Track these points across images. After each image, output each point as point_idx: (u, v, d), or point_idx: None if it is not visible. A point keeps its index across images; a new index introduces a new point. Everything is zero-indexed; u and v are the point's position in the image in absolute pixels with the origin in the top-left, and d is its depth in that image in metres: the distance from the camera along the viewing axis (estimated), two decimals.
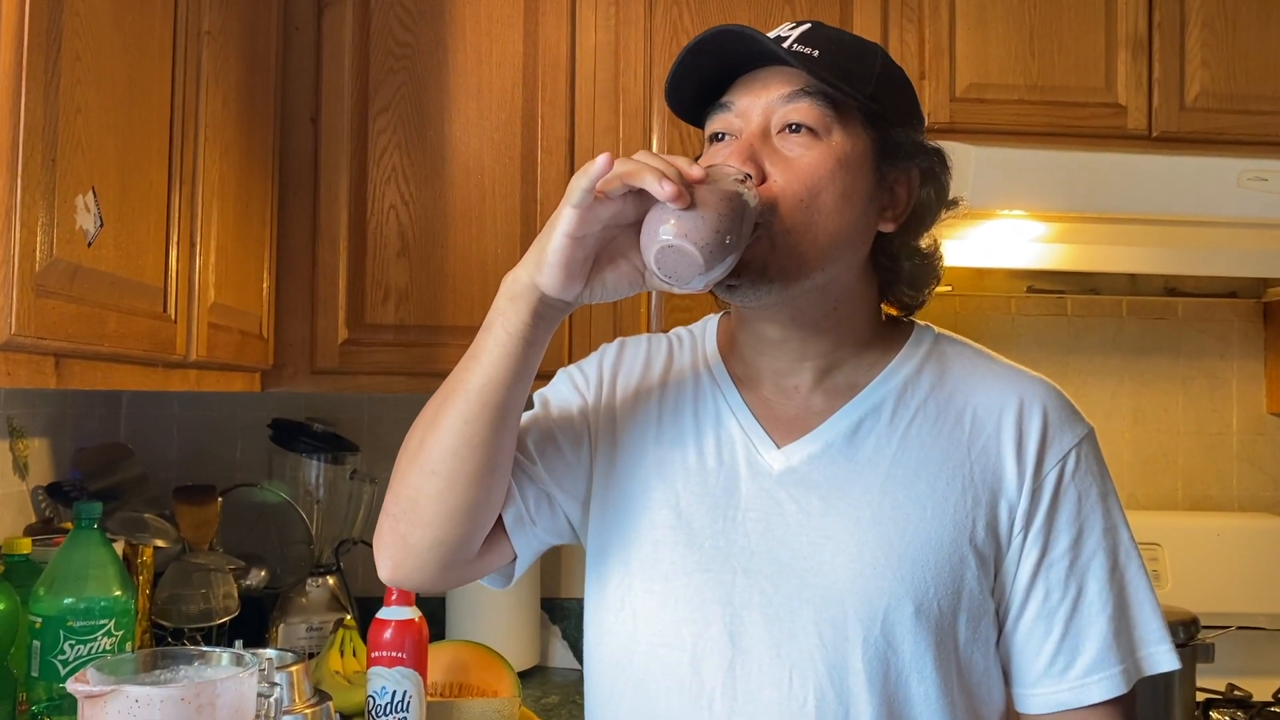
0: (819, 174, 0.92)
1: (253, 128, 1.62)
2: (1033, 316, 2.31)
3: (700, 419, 1.02)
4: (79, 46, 0.99)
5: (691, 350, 1.09)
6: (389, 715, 1.44)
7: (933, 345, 1.03)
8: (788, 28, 0.96)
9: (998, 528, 0.95)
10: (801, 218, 0.91)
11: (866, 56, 0.97)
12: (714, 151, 0.97)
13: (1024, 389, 0.99)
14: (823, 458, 0.97)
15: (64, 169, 0.96)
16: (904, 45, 1.90)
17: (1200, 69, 1.92)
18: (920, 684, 0.92)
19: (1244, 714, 1.85)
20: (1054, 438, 0.97)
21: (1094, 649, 0.95)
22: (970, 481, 0.95)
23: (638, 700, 0.98)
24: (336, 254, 1.83)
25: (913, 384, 1.00)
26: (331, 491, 2.02)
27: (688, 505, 0.98)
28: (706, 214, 0.82)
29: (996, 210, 1.81)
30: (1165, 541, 2.13)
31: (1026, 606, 0.96)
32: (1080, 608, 0.95)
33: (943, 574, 0.93)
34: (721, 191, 0.84)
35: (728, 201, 0.84)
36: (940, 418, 0.98)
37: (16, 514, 1.70)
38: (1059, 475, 0.96)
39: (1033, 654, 0.96)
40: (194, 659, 0.99)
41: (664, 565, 0.97)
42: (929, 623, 0.92)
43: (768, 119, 0.94)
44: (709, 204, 0.82)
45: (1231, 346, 2.33)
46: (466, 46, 1.86)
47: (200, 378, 1.46)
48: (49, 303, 0.94)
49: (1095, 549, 0.96)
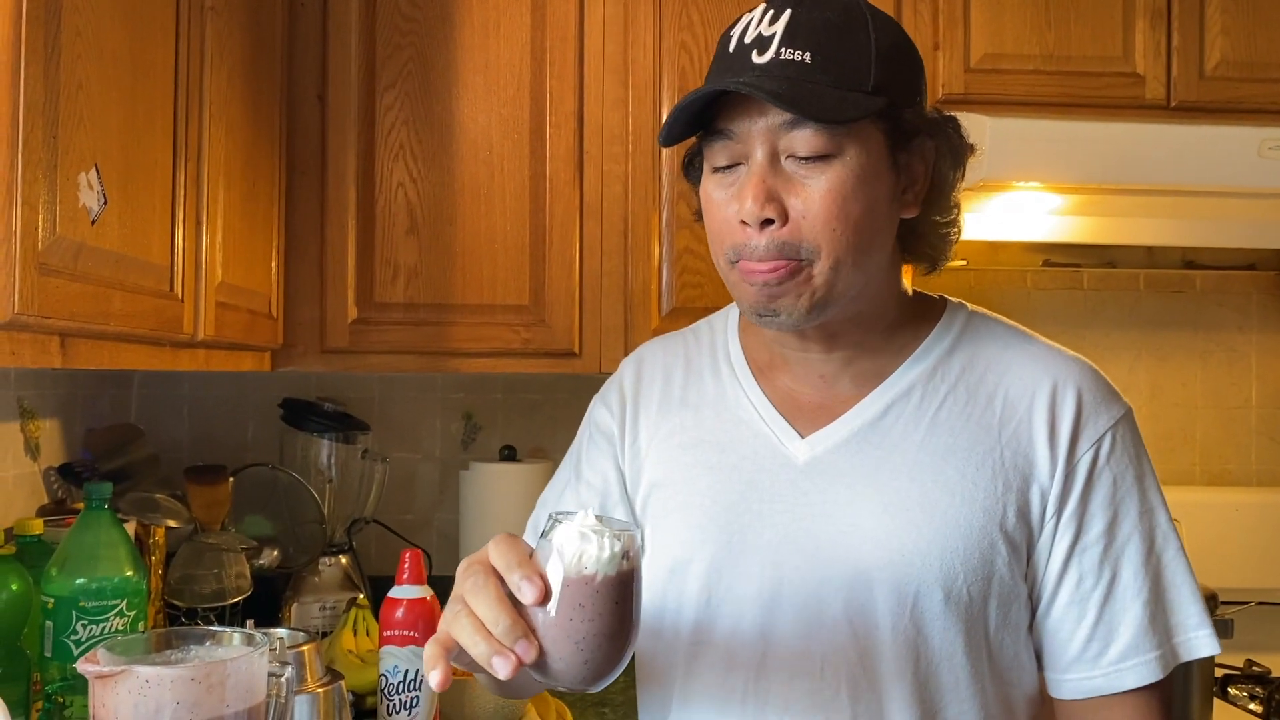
0: (842, 196, 0.88)
1: (258, 105, 1.60)
2: (1049, 290, 2.28)
3: (721, 417, 1.02)
4: (79, 21, 0.97)
5: (710, 345, 1.09)
6: (401, 694, 1.44)
7: (965, 325, 1.01)
8: (769, 21, 0.89)
9: (1029, 513, 0.93)
10: (840, 246, 0.88)
11: (858, 33, 0.89)
12: (723, 185, 0.92)
13: (1058, 370, 0.97)
14: (848, 445, 0.96)
15: (66, 146, 0.95)
16: (918, 15, 1.87)
17: (1220, 36, 1.88)
18: (950, 670, 0.92)
19: (1262, 689, 1.83)
20: (1088, 421, 0.95)
21: (1129, 634, 0.93)
22: (1001, 466, 0.93)
23: (676, 694, 0.99)
24: (345, 232, 1.81)
25: (943, 367, 0.98)
26: (343, 471, 2.02)
27: (714, 505, 0.98)
28: (565, 651, 0.71)
29: (1012, 183, 1.78)
30: (1183, 517, 2.09)
31: (1060, 592, 0.94)
32: (1115, 593, 0.93)
33: (972, 560, 0.91)
34: (579, 598, 0.71)
35: (590, 612, 0.71)
36: (970, 401, 0.96)
37: (29, 495, 1.70)
38: (1093, 459, 0.94)
39: (1066, 639, 0.94)
40: (205, 639, 0.98)
41: (695, 565, 0.98)
42: (959, 609, 0.91)
43: (772, 144, 0.89)
44: (566, 632, 0.71)
45: (1251, 319, 2.30)
46: (473, 20, 1.84)
47: (209, 357, 1.45)
48: (53, 281, 0.93)
49: (1131, 533, 0.94)
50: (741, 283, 0.92)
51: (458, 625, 0.72)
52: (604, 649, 0.71)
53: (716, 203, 0.93)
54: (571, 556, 0.71)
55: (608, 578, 0.71)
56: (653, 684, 1.04)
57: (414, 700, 1.45)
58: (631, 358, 1.14)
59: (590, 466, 1.09)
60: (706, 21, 1.85)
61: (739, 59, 0.90)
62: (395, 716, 1.44)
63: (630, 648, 0.73)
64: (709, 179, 0.94)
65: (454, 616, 0.73)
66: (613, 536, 0.72)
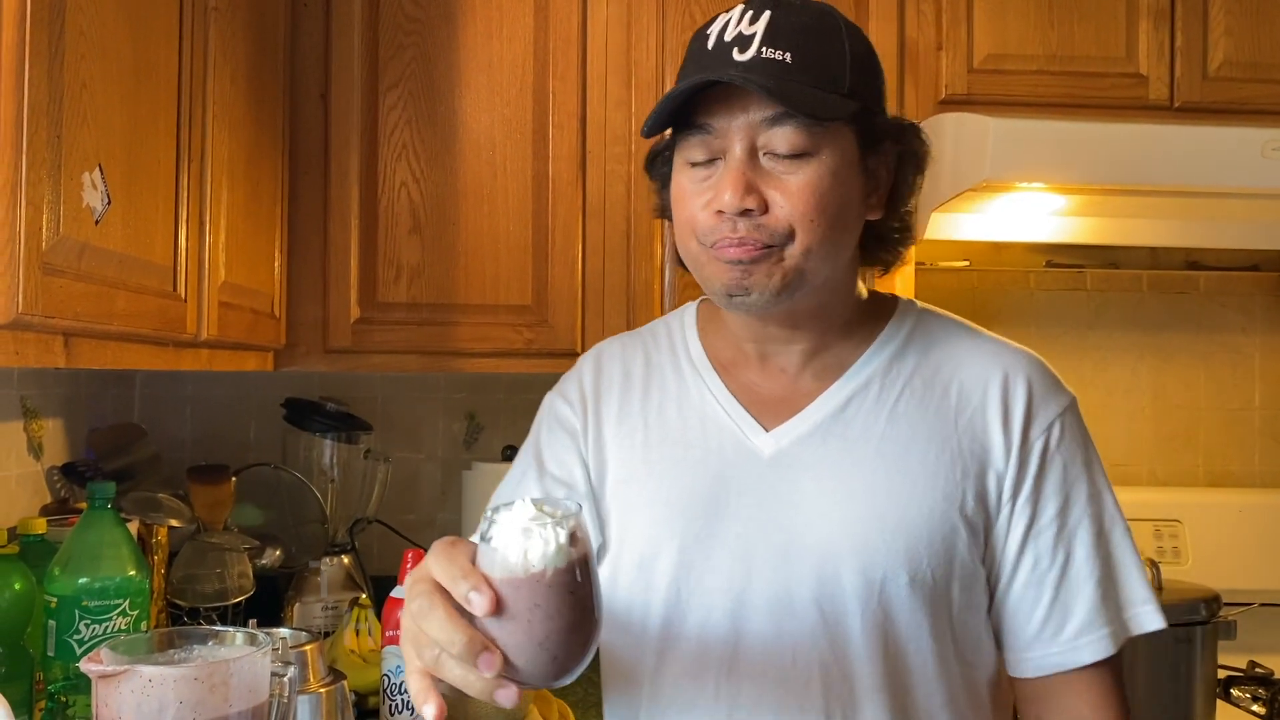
0: (819, 191, 0.91)
1: (261, 105, 1.60)
2: (1052, 291, 2.28)
3: (685, 413, 1.03)
4: (83, 21, 0.98)
5: (669, 344, 1.10)
6: (404, 694, 1.44)
7: (916, 320, 1.05)
8: (749, 21, 0.91)
9: (987, 497, 0.97)
10: (814, 234, 0.91)
11: (834, 39, 0.93)
12: (699, 179, 0.94)
13: (1008, 361, 1.01)
14: (812, 437, 0.98)
15: (69, 146, 0.95)
16: (921, 15, 1.87)
17: (1224, 37, 1.88)
18: (918, 652, 0.95)
19: (1265, 691, 1.83)
20: (1039, 408, 0.99)
21: (1083, 612, 0.97)
22: (959, 453, 0.97)
23: (647, 688, 1.00)
24: (348, 232, 1.81)
25: (898, 360, 1.01)
26: (346, 471, 2.02)
27: (681, 500, 0.99)
28: (533, 656, 0.68)
29: (1015, 183, 1.78)
30: (1186, 518, 2.11)
31: (1017, 573, 0.98)
32: (1069, 573, 0.98)
33: (935, 544, 0.94)
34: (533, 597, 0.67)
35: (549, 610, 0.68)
36: (927, 392, 0.99)
37: (32, 494, 1.70)
38: (1045, 444, 0.98)
39: (1024, 619, 0.98)
40: (208, 638, 0.99)
41: (663, 560, 0.99)
42: (924, 592, 0.94)
43: (751, 140, 0.91)
44: (529, 637, 0.67)
45: (1254, 321, 2.29)
46: (476, 20, 1.84)
47: (212, 357, 1.45)
48: (56, 281, 0.93)
49: (1081, 516, 0.99)
50: (714, 263, 0.93)
51: (428, 655, 0.70)
52: (569, 642, 0.68)
53: (690, 195, 0.95)
54: (517, 556, 0.68)
55: (559, 570, 0.68)
56: (621, 680, 1.04)
57: None
58: (589, 354, 1.14)
59: (554, 460, 1.08)
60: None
61: (719, 56, 0.91)
62: (398, 716, 1.44)
63: (597, 632, 0.71)
64: (683, 173, 0.96)
65: (414, 640, 0.71)
66: (556, 525, 0.68)
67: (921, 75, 1.87)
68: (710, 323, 1.08)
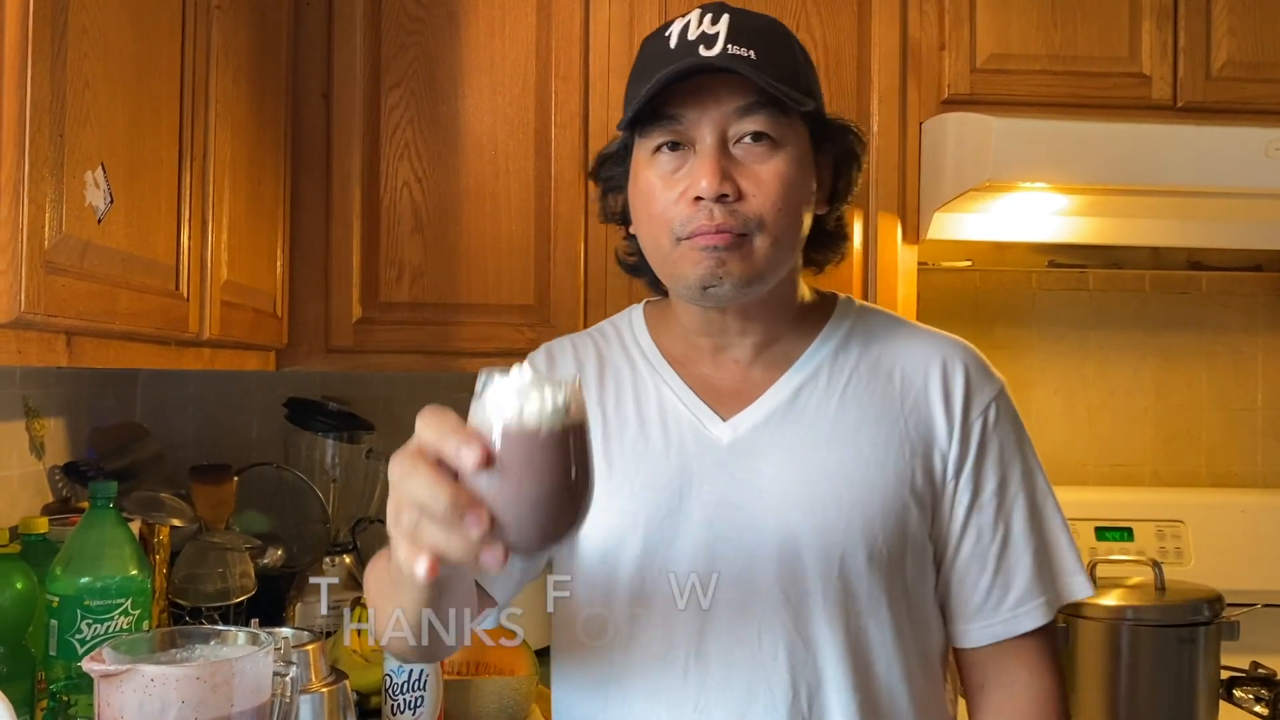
0: (786, 180, 0.97)
1: (264, 104, 1.60)
2: (1054, 291, 2.28)
3: (642, 406, 1.07)
4: (85, 19, 0.97)
5: (620, 342, 1.13)
6: (406, 694, 1.44)
7: (857, 315, 1.11)
8: (710, 22, 0.96)
9: (933, 475, 1.03)
10: (780, 225, 0.97)
11: (787, 41, 1.00)
12: (668, 171, 0.97)
13: (944, 349, 1.07)
14: (768, 424, 1.03)
15: (72, 144, 0.95)
16: (924, 15, 1.87)
17: (1227, 36, 1.88)
18: (878, 625, 1.00)
19: (1268, 692, 1.83)
20: (976, 391, 1.05)
21: (1023, 583, 1.04)
22: (906, 434, 1.03)
23: (613, 676, 1.03)
24: (350, 231, 1.81)
25: (843, 350, 1.07)
26: (347, 470, 2.02)
27: (644, 490, 1.02)
28: (522, 514, 0.65)
29: (1017, 183, 1.78)
30: (1188, 518, 2.11)
31: (961, 546, 1.04)
32: (1009, 546, 1.04)
33: (889, 520, 1.00)
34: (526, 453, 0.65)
35: (542, 467, 0.66)
36: (872, 379, 1.05)
37: (33, 494, 1.70)
38: (983, 425, 1.04)
39: (969, 591, 1.05)
40: (210, 638, 0.99)
41: (628, 550, 1.02)
42: (880, 566, 0.99)
43: (723, 130, 0.96)
44: (519, 494, 0.65)
45: (1257, 321, 2.29)
46: (479, 20, 1.84)
47: (214, 356, 1.45)
48: (59, 280, 0.93)
49: (1017, 492, 1.05)
50: (690, 254, 0.97)
51: (407, 515, 0.67)
52: (560, 506, 0.66)
53: (661, 189, 0.98)
54: (512, 414, 0.65)
55: (554, 432, 0.65)
56: (589, 665, 1.06)
57: (418, 700, 1.45)
58: (539, 352, 1.16)
59: None
60: None
61: (688, 51, 0.95)
62: (399, 716, 1.44)
63: (587, 503, 0.68)
64: (649, 166, 0.99)
65: (396, 507, 0.68)
66: (553, 387, 0.66)
67: (924, 75, 1.87)
68: (659, 322, 1.12)
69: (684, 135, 0.97)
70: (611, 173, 1.07)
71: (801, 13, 1.85)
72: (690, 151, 0.97)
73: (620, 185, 1.06)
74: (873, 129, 1.86)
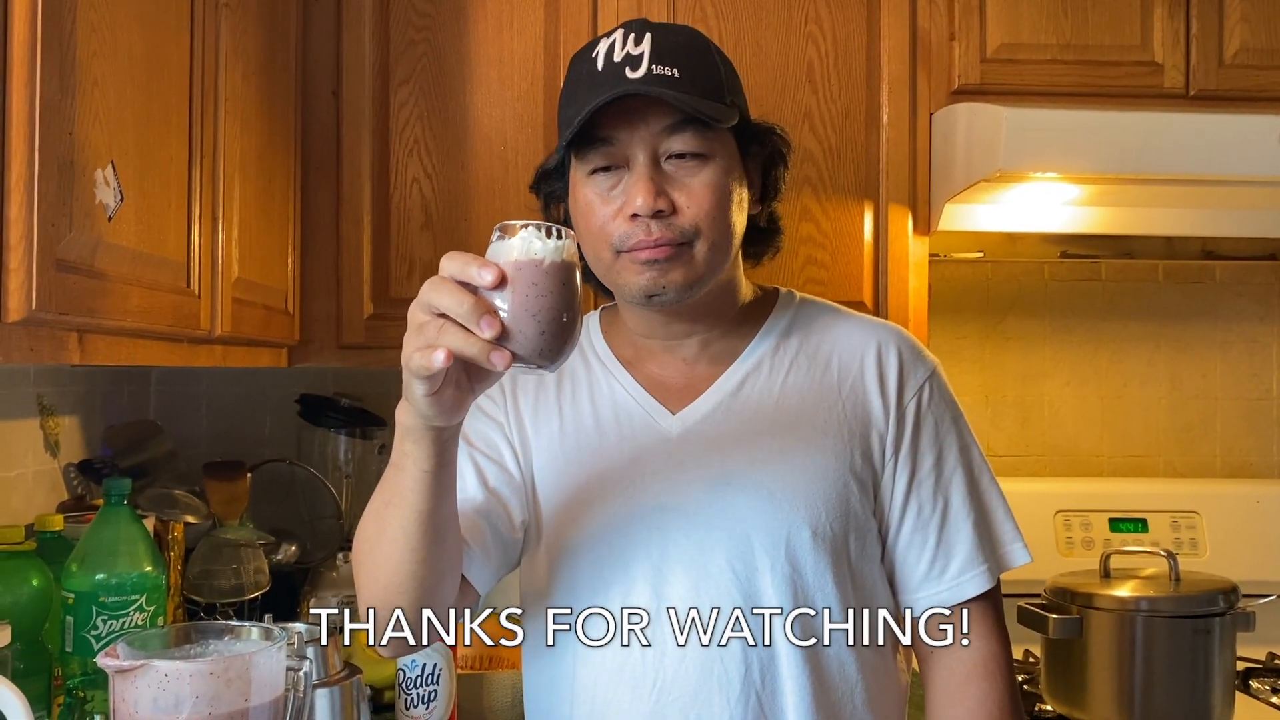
0: (718, 190, 1.03)
1: (273, 101, 1.61)
2: (1066, 282, 2.27)
3: (598, 404, 1.12)
4: (94, 18, 0.98)
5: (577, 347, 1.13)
6: (419, 688, 1.44)
7: (797, 308, 1.16)
8: (634, 43, 1.00)
9: (872, 455, 1.09)
10: (716, 233, 1.03)
11: (709, 55, 1.05)
12: (603, 189, 1.03)
13: (878, 334, 1.13)
14: (714, 416, 1.09)
15: (82, 143, 0.95)
16: (934, 5, 1.86)
17: (1240, 24, 1.86)
18: (824, 600, 1.05)
19: None
20: (910, 373, 1.11)
21: (964, 552, 1.09)
22: (845, 418, 1.09)
23: (578, 658, 1.07)
24: (360, 228, 1.82)
25: (784, 342, 1.13)
26: (360, 466, 2.03)
27: (600, 484, 1.08)
28: (526, 326, 0.79)
29: (1029, 173, 1.77)
30: (1204, 509, 2.10)
31: (904, 521, 1.10)
32: (949, 518, 1.10)
33: (831, 500, 1.05)
34: (532, 277, 0.79)
35: (543, 289, 0.79)
36: (811, 367, 1.11)
37: (49, 491, 1.71)
38: (917, 404, 1.10)
39: (914, 562, 1.10)
40: (224, 633, 0.99)
41: (585, 541, 1.07)
42: (825, 544, 1.04)
43: (654, 149, 1.01)
44: (524, 308, 0.79)
45: (1272, 310, 2.28)
46: (487, 15, 1.84)
47: (226, 353, 1.45)
48: (70, 278, 0.94)
49: (955, 466, 1.11)
50: (630, 267, 1.03)
51: (431, 326, 0.79)
52: (556, 321, 0.79)
53: (598, 206, 1.04)
54: (522, 247, 0.80)
55: (555, 264, 0.79)
56: (556, 648, 1.08)
57: (432, 694, 1.45)
58: None
59: (479, 438, 1.13)
60: (721, 14, 1.84)
61: (612, 75, 1.00)
62: (413, 710, 1.45)
63: (578, 329, 0.82)
64: (586, 185, 1.05)
65: (419, 325, 0.81)
66: (556, 232, 0.80)
67: (934, 66, 1.86)
68: (611, 325, 1.18)
69: (617, 156, 1.02)
70: (552, 187, 1.13)
71: (810, 4, 1.85)
72: (625, 170, 1.02)
73: (561, 197, 1.12)
74: (883, 120, 1.85)
